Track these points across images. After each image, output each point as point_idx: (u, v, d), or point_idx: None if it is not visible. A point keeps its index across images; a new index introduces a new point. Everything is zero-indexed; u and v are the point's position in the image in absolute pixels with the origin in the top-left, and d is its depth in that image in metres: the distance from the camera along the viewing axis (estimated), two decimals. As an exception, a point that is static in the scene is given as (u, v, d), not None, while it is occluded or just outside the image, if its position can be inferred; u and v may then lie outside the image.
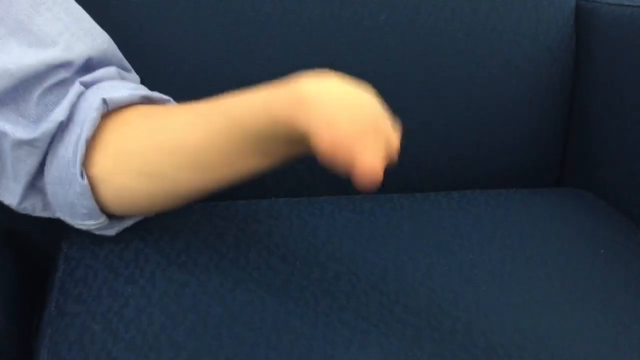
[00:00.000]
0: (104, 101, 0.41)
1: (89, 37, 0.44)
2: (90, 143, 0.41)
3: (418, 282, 0.45)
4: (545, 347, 0.41)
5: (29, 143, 0.41)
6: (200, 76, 0.54)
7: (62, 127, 0.41)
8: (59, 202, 0.42)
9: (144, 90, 0.45)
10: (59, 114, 0.41)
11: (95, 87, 0.43)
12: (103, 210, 0.43)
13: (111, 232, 0.45)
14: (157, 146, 0.41)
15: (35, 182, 0.43)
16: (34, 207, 0.44)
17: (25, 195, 0.43)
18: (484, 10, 0.58)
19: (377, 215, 0.52)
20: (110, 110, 0.42)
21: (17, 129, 0.40)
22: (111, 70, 0.46)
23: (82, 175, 0.41)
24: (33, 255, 0.55)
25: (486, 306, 0.44)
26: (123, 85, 0.45)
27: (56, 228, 0.49)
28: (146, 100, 0.45)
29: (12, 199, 0.43)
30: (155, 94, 0.46)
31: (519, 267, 0.47)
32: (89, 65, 0.44)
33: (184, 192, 0.42)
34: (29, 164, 0.41)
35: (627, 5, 0.58)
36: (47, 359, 0.38)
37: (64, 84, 0.42)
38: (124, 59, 0.48)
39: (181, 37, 0.53)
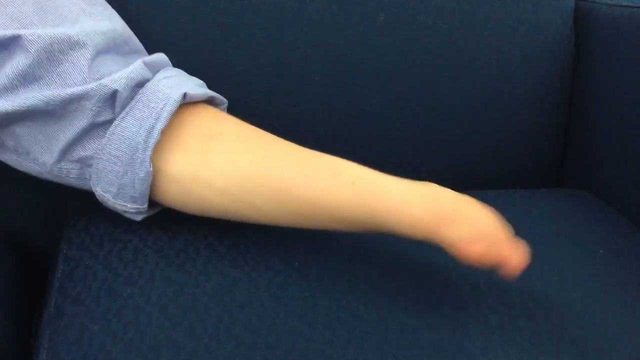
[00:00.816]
0: (184, 95, 0.42)
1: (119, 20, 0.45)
2: (163, 134, 0.41)
3: (416, 283, 0.45)
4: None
5: (80, 97, 0.39)
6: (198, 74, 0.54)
7: (123, 102, 0.41)
8: (107, 179, 0.42)
9: (206, 88, 0.46)
10: (112, 81, 0.40)
11: (162, 73, 0.43)
12: (151, 198, 0.43)
13: (139, 217, 0.45)
14: (257, 179, 0.41)
15: (71, 150, 0.42)
16: (68, 171, 0.43)
17: (61, 157, 0.42)
18: (483, 10, 0.58)
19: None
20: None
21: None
22: (162, 55, 0.46)
23: (149, 163, 0.40)
24: (33, 255, 0.55)
25: (485, 306, 0.44)
26: (188, 78, 0.46)
27: (56, 228, 0.49)
28: (210, 100, 0.46)
29: (48, 157, 0.42)
30: (217, 95, 0.46)
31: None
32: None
33: (260, 220, 0.43)
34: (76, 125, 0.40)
35: (626, 6, 0.58)
36: (45, 359, 0.38)
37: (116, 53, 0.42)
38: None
39: (179, 35, 0.53)
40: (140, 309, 0.40)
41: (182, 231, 0.47)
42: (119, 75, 0.41)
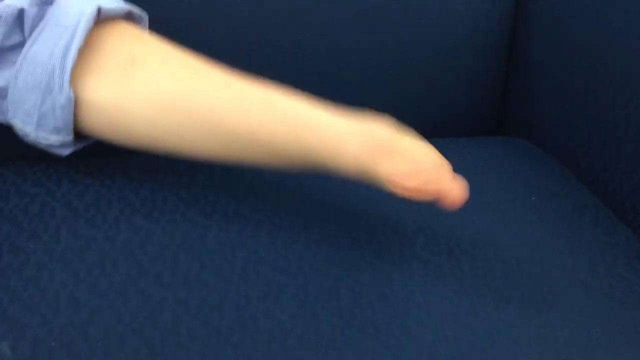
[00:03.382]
0: (98, 10, 0.38)
1: None
2: (79, 55, 0.38)
3: (340, 233, 0.43)
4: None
5: None
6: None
7: (32, 23, 0.38)
8: (25, 109, 0.39)
9: (125, 4, 0.42)
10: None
11: None
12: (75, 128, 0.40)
13: (66, 152, 0.42)
14: (184, 110, 0.39)
15: None
16: None
17: None
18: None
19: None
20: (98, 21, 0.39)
21: None
22: None
23: (69, 87, 0.38)
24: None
25: (410, 254, 0.42)
26: None
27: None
28: (129, 15, 0.42)
29: None
30: (136, 9, 0.43)
31: (446, 214, 0.46)
32: None
33: (194, 153, 0.40)
34: None
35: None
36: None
37: None
38: None
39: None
40: (43, 265, 0.38)
41: (94, 184, 0.44)
42: None
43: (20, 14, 0.37)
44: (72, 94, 0.38)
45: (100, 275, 0.38)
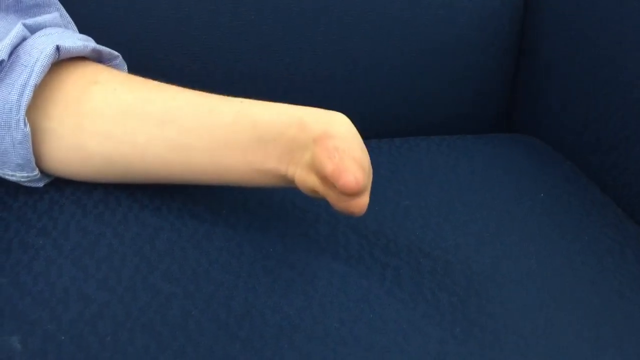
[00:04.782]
0: (57, 49, 0.39)
1: None
2: (40, 91, 0.39)
3: (349, 230, 0.43)
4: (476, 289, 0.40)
5: None
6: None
7: (2, 68, 0.39)
8: None
9: (92, 43, 0.43)
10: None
11: (41, 32, 0.41)
12: (38, 163, 0.40)
13: (39, 184, 0.43)
14: (139, 115, 0.39)
15: None
16: None
17: None
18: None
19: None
20: (59, 60, 0.40)
21: None
22: (55, 16, 0.43)
23: (25, 123, 0.38)
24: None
25: (417, 251, 0.42)
26: (71, 34, 0.43)
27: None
28: (95, 54, 0.43)
29: None
30: (104, 48, 0.44)
31: (454, 212, 0.46)
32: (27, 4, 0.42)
33: (146, 169, 0.40)
34: None
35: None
36: (-52, 314, 0.36)
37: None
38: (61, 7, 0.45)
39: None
40: (52, 261, 0.38)
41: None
42: (2, 44, 0.38)
43: (0, 66, 0.38)
44: (27, 129, 0.38)
45: (109, 270, 0.38)
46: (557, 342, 0.38)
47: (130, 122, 0.39)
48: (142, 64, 0.48)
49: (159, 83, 0.42)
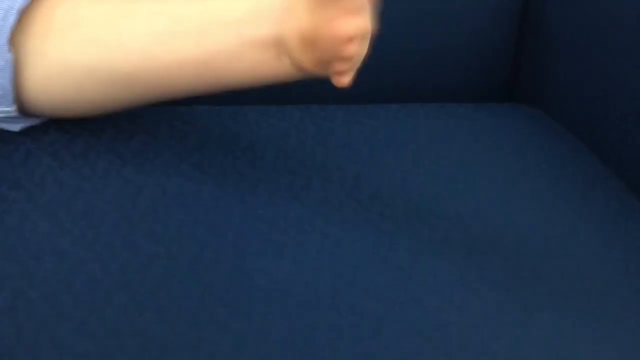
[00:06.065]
0: None
1: None
2: (24, 15, 0.37)
3: (343, 193, 0.41)
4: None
5: None
6: None
7: None
8: None
9: None
10: None
11: None
12: (18, 97, 0.38)
13: (15, 127, 0.40)
14: (128, 13, 0.37)
15: None
16: None
17: None
18: None
19: (307, 125, 0.47)
20: None
21: None
22: None
23: (8, 49, 0.36)
24: None
25: (415, 217, 0.40)
26: None
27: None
28: None
29: None
30: None
31: (453, 180, 0.44)
32: None
33: (129, 67, 0.38)
34: None
35: None
36: None
37: None
38: None
39: None
40: (26, 215, 0.35)
41: (82, 134, 0.41)
42: None
43: None
44: (10, 55, 0.36)
45: (87, 227, 0.35)
46: (560, 314, 0.36)
47: (117, 25, 0.37)
48: None
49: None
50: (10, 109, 0.38)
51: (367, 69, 0.56)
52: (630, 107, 0.50)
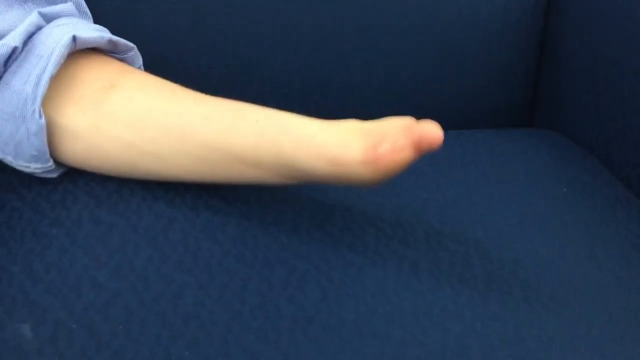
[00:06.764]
0: (74, 39, 0.39)
1: None
2: (55, 84, 0.39)
3: (364, 222, 0.42)
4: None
5: None
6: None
7: (16, 57, 0.38)
8: (3, 138, 0.39)
9: (108, 33, 0.43)
10: (12, 39, 0.38)
11: (55, 22, 0.41)
12: (52, 154, 0.40)
13: (54, 175, 0.42)
14: (159, 127, 0.38)
15: None
16: None
17: None
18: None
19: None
20: (75, 50, 0.40)
21: None
22: (69, 6, 0.43)
23: (40, 115, 0.38)
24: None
25: (436, 243, 0.41)
26: (86, 24, 0.43)
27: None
28: (111, 45, 0.43)
29: None
30: (120, 40, 0.43)
31: (473, 205, 0.45)
32: None
33: (168, 173, 0.40)
34: None
35: None
36: (-40, 302, 0.36)
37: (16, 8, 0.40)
38: None
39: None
40: (65, 250, 0.38)
41: (117, 171, 0.44)
42: (17, 31, 0.38)
43: (13, 52, 0.38)
44: (43, 121, 0.38)
45: (122, 260, 0.37)
46: (581, 340, 0.36)
47: (149, 132, 0.38)
48: (157, 57, 0.48)
49: (176, 87, 0.41)
50: (47, 165, 0.41)
51: (387, 95, 0.58)
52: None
